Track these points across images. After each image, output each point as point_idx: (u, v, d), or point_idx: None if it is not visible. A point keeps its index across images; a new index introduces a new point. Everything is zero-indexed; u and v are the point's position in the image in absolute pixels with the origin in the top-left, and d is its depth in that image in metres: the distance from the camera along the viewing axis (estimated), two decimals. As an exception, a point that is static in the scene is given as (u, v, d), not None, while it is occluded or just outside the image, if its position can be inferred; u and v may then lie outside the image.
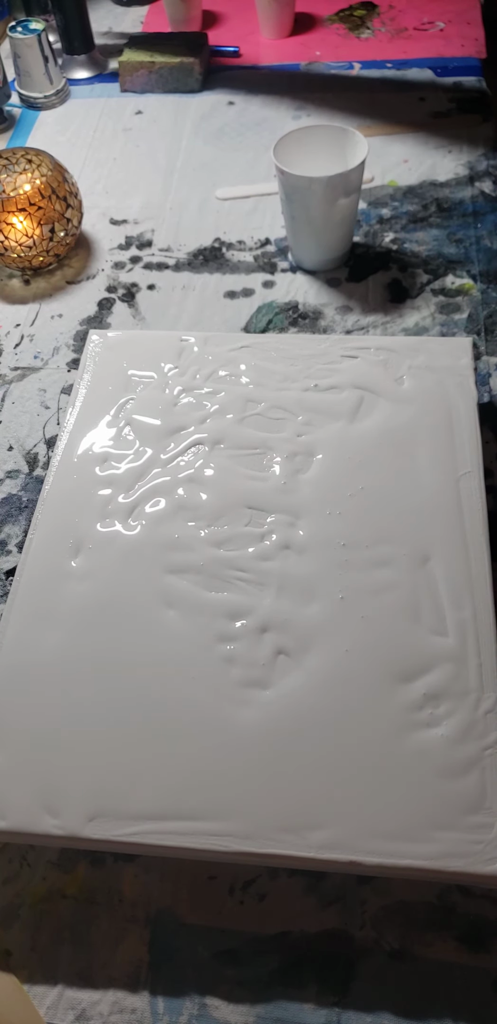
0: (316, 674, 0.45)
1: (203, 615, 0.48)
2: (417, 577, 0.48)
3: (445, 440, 0.54)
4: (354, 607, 0.47)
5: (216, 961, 0.42)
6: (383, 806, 0.41)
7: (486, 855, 0.39)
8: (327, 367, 0.59)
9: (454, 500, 0.51)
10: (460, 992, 0.40)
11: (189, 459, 0.55)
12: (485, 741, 0.42)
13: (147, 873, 0.45)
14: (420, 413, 0.56)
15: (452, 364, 0.58)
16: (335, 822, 0.41)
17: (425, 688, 0.44)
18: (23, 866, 0.45)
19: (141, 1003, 0.41)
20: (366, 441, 0.55)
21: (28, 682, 0.47)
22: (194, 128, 0.95)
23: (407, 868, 0.39)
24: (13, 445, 0.66)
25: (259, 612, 0.48)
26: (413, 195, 0.82)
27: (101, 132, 0.96)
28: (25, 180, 0.75)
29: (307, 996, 0.41)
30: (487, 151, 0.86)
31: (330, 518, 0.51)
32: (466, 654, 0.45)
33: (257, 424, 0.57)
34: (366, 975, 0.41)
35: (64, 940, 0.43)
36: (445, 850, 0.39)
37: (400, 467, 0.53)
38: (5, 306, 0.78)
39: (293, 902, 0.43)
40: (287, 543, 0.50)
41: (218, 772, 0.42)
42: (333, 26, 1.08)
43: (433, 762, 0.42)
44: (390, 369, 0.59)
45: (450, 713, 0.43)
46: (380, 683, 0.45)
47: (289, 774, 0.42)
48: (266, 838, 0.41)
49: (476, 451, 0.53)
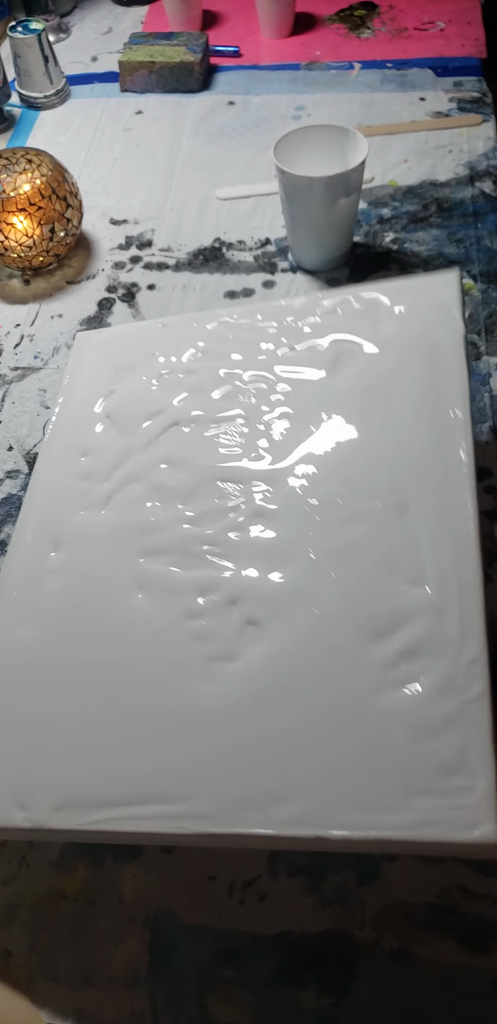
0: (284, 641, 0.43)
1: (174, 594, 0.47)
2: (394, 528, 0.45)
3: (429, 380, 0.49)
4: (325, 567, 0.45)
5: (216, 961, 0.42)
6: (352, 775, 0.38)
7: (465, 821, 0.35)
8: (304, 325, 0.56)
9: (435, 442, 0.47)
10: (460, 993, 0.40)
11: (165, 441, 0.54)
12: (466, 695, 0.38)
13: (147, 873, 0.45)
14: (402, 356, 0.52)
15: (438, 300, 0.53)
16: (301, 795, 0.38)
17: (400, 644, 0.40)
18: (23, 866, 0.45)
19: (141, 1003, 0.41)
20: (343, 394, 0.52)
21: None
22: (194, 128, 0.95)
23: (378, 840, 0.36)
24: (13, 445, 0.66)
25: (229, 584, 0.46)
26: (413, 195, 0.82)
27: (101, 132, 0.96)
28: (25, 180, 0.75)
29: (307, 996, 0.41)
30: (487, 151, 0.86)
31: (302, 479, 0.49)
32: (446, 603, 0.41)
33: (233, 395, 0.55)
34: (366, 976, 0.41)
35: (64, 940, 0.43)
36: (420, 818, 0.36)
37: (379, 415, 0.50)
38: (5, 306, 0.78)
39: (293, 902, 0.43)
40: (259, 511, 0.48)
41: (182, 752, 0.41)
42: (333, 26, 1.08)
43: (408, 723, 0.38)
44: (370, 316, 0.55)
45: (427, 668, 0.39)
46: (351, 643, 0.41)
47: (254, 748, 0.40)
48: (229, 817, 0.38)
49: (461, 387, 0.48)
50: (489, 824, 0.35)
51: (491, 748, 0.36)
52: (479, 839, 0.34)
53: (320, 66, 1.01)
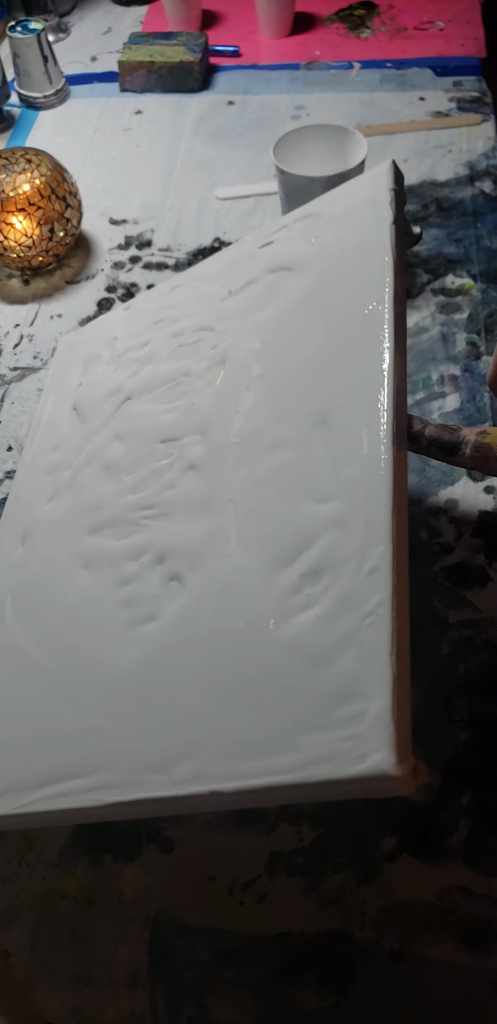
0: (198, 591, 0.40)
1: (110, 566, 0.46)
2: (310, 447, 0.41)
3: (357, 282, 0.46)
4: (242, 505, 0.42)
5: (216, 961, 0.42)
6: (248, 719, 0.34)
7: (354, 753, 0.30)
8: (245, 266, 0.55)
9: (358, 344, 0.43)
10: (459, 993, 0.40)
11: (117, 417, 0.54)
12: (365, 608, 0.33)
13: (146, 874, 0.45)
14: (333, 265, 0.49)
15: (370, 196, 0.50)
16: (200, 750, 0.34)
17: (304, 567, 0.37)
18: (22, 866, 0.45)
19: (141, 1003, 0.41)
20: (274, 322, 0.49)
21: None
22: (194, 128, 0.95)
23: (267, 788, 0.32)
24: (12, 445, 0.66)
25: (158, 544, 0.44)
26: (413, 195, 0.82)
27: (100, 132, 0.96)
28: (24, 180, 0.75)
29: (307, 997, 0.41)
30: (487, 151, 0.86)
31: (228, 419, 0.47)
32: (352, 514, 0.37)
33: (178, 355, 0.54)
34: (366, 976, 0.41)
35: (63, 940, 0.43)
36: (309, 757, 0.31)
37: (308, 334, 0.47)
38: (4, 306, 0.78)
39: (293, 902, 0.43)
40: (190, 463, 0.46)
41: (101, 722, 0.39)
42: (333, 26, 1.08)
43: (304, 651, 0.34)
44: (307, 234, 0.52)
45: (328, 587, 0.35)
46: (261, 579, 0.38)
47: (163, 707, 0.38)
48: (136, 783, 0.35)
49: (382, 280, 0.44)
50: (381, 752, 0.29)
51: (388, 664, 0.31)
52: (369, 771, 0.29)
53: (320, 66, 1.01)
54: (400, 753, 0.29)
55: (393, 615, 0.32)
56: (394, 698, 0.30)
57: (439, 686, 0.49)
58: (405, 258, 0.48)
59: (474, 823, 0.44)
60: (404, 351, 0.43)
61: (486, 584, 0.54)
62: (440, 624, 0.52)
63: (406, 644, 0.32)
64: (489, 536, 0.56)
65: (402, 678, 0.31)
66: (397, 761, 0.29)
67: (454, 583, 0.54)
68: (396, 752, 0.29)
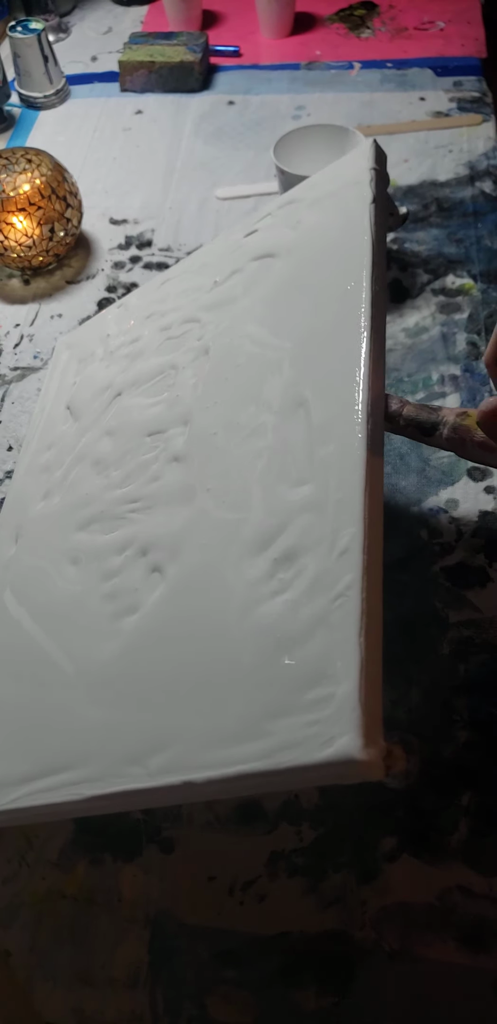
0: (174, 581, 0.40)
1: (97, 560, 0.46)
2: (287, 431, 0.41)
3: (337, 262, 0.45)
4: (218, 494, 0.42)
5: (216, 961, 0.42)
6: (219, 708, 0.33)
7: (321, 738, 0.29)
8: (231, 256, 0.55)
9: (337, 324, 0.42)
10: (460, 993, 0.40)
11: (108, 414, 0.54)
12: (335, 589, 0.33)
13: (147, 873, 0.45)
14: (315, 249, 0.48)
15: (351, 176, 0.49)
16: (174, 741, 0.34)
17: (277, 553, 0.36)
18: (22, 866, 0.45)
19: (141, 1003, 0.41)
20: (256, 310, 0.49)
21: None
22: (194, 128, 0.95)
23: (237, 777, 0.31)
24: (12, 445, 0.66)
25: (142, 537, 0.44)
26: (413, 195, 0.82)
27: (101, 132, 0.96)
28: (25, 180, 0.75)
29: (307, 997, 0.41)
30: (487, 151, 0.86)
31: (207, 410, 0.47)
32: (325, 496, 0.36)
33: (166, 349, 0.54)
34: (366, 976, 0.41)
35: (63, 940, 0.43)
36: (278, 743, 0.30)
37: (288, 319, 0.46)
38: (5, 306, 0.78)
39: (293, 903, 0.43)
40: (175, 455, 0.46)
41: (82, 716, 0.39)
42: (333, 26, 1.08)
43: (274, 636, 0.34)
44: (290, 219, 0.52)
45: (300, 571, 0.35)
46: (234, 568, 0.38)
47: (139, 699, 0.37)
48: (114, 776, 0.35)
49: (361, 260, 0.43)
50: (347, 735, 0.28)
51: (357, 645, 0.30)
52: (335, 756, 0.28)
53: (320, 66, 1.01)
54: (367, 736, 0.28)
55: (363, 596, 0.32)
56: (362, 680, 0.29)
57: (439, 686, 0.49)
58: (385, 237, 0.47)
59: (474, 823, 0.44)
60: (383, 330, 0.42)
61: (486, 584, 0.54)
62: (440, 624, 0.52)
63: (378, 625, 0.31)
64: (489, 536, 0.56)
65: (372, 659, 0.30)
66: (364, 745, 0.28)
67: (454, 583, 0.54)
68: (363, 735, 0.28)
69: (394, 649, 0.51)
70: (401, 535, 0.57)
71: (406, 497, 0.59)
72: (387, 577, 0.54)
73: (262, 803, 0.46)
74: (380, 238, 0.45)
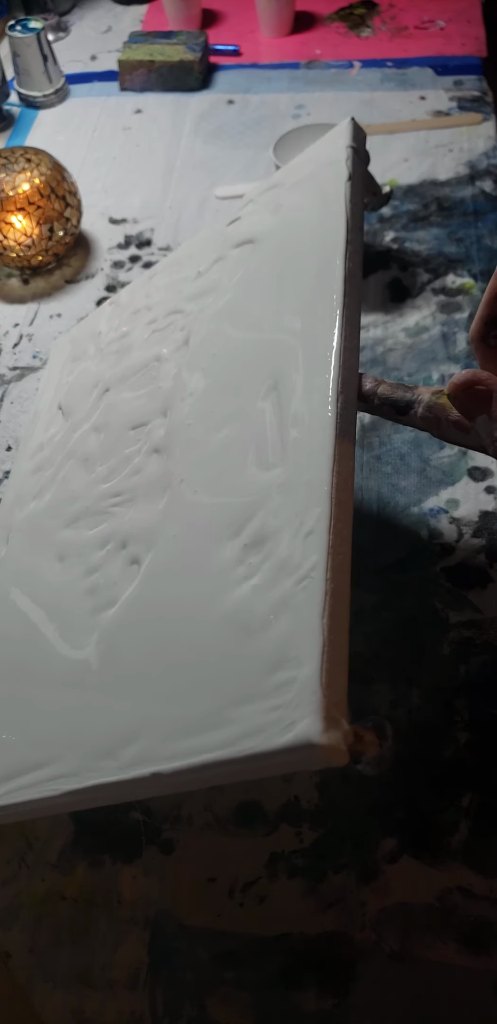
0: (148, 573, 0.40)
1: (82, 556, 0.46)
2: (260, 415, 0.40)
3: (312, 246, 0.45)
4: (191, 484, 0.41)
5: (216, 963, 0.42)
6: (186, 698, 0.33)
7: (283, 723, 0.28)
8: (214, 245, 0.55)
9: (310, 305, 0.42)
10: (460, 994, 0.40)
11: (96, 410, 0.54)
12: (300, 571, 0.32)
13: (146, 875, 0.44)
14: (292, 232, 0.48)
15: (329, 156, 0.48)
16: (144, 732, 0.33)
17: (247, 538, 0.36)
18: (22, 867, 0.45)
19: (140, 1005, 0.41)
20: (235, 296, 0.48)
21: None
22: (193, 127, 0.95)
23: (203, 767, 0.30)
24: (12, 445, 0.66)
25: (122, 530, 0.44)
26: (414, 194, 0.82)
27: (100, 131, 0.96)
28: (24, 179, 0.75)
29: (307, 998, 0.40)
30: (488, 150, 0.85)
31: (186, 399, 0.46)
32: (294, 477, 0.35)
33: (152, 341, 0.54)
34: (366, 977, 0.41)
35: (63, 942, 0.43)
36: (241, 731, 0.29)
37: (266, 303, 0.46)
38: (4, 306, 0.78)
39: (293, 904, 0.43)
40: (155, 446, 0.46)
41: (62, 711, 0.39)
42: (333, 24, 1.08)
43: (241, 622, 0.33)
44: (270, 203, 0.51)
45: (269, 555, 0.34)
46: (205, 556, 0.37)
47: (112, 692, 0.37)
48: (88, 770, 0.34)
49: (337, 239, 0.43)
50: (307, 719, 0.27)
51: (320, 627, 0.29)
52: (295, 741, 0.27)
53: (320, 65, 1.01)
54: (328, 720, 0.27)
55: (327, 576, 0.31)
56: (324, 662, 0.28)
57: (440, 687, 0.49)
58: (362, 215, 0.46)
59: (475, 824, 0.44)
60: (358, 308, 0.41)
61: (487, 585, 0.53)
62: (441, 625, 0.52)
63: (343, 607, 0.31)
64: (490, 536, 0.56)
65: (336, 641, 0.29)
66: (324, 728, 0.27)
67: (455, 584, 0.54)
68: (324, 719, 0.27)
69: (394, 650, 0.51)
70: (401, 535, 0.56)
71: (406, 497, 0.58)
72: (387, 578, 0.54)
73: (262, 804, 0.46)
74: (356, 216, 0.45)
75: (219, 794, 0.47)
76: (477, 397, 0.35)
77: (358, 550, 0.56)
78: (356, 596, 0.53)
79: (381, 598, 0.53)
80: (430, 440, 0.62)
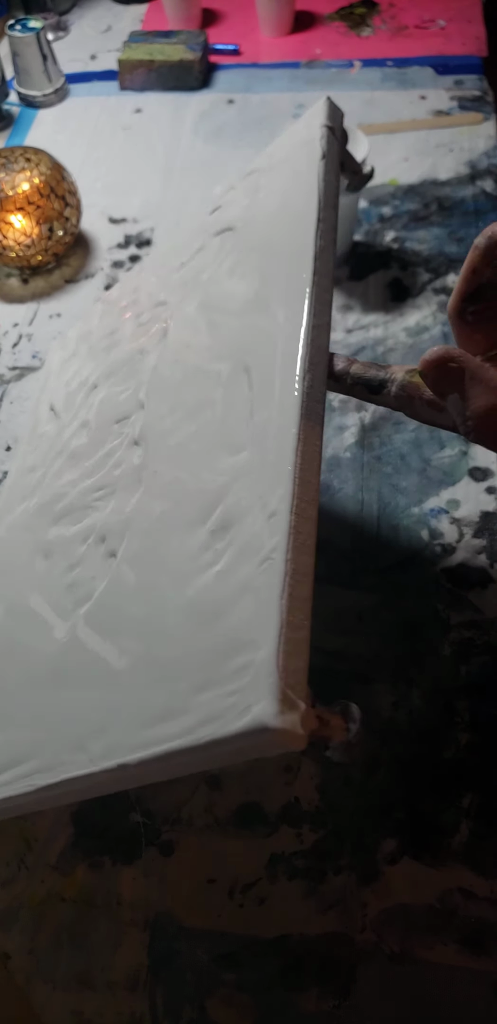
0: (121, 565, 0.40)
1: (65, 552, 0.46)
2: (231, 400, 0.40)
3: (285, 227, 0.44)
4: (163, 475, 0.41)
5: (215, 965, 0.42)
6: (151, 687, 0.32)
7: (239, 707, 0.27)
8: (197, 234, 0.54)
9: (279, 289, 0.41)
10: (461, 996, 0.40)
11: (84, 407, 0.54)
12: (262, 553, 0.31)
13: (146, 876, 0.44)
14: (268, 215, 0.47)
15: (306, 137, 0.48)
16: (112, 724, 0.33)
17: (215, 524, 0.35)
18: (21, 869, 0.45)
19: (140, 1006, 0.41)
20: (211, 284, 0.48)
21: None
22: (193, 126, 0.95)
23: (165, 756, 0.29)
24: (11, 445, 0.66)
25: (101, 523, 0.44)
26: (414, 193, 0.82)
27: (100, 130, 0.96)
28: (23, 179, 0.75)
29: (307, 1000, 0.40)
30: (488, 149, 0.85)
31: (160, 390, 0.46)
32: (260, 459, 0.35)
33: (137, 335, 0.54)
34: (367, 979, 0.41)
35: (63, 943, 0.43)
36: (201, 717, 0.29)
37: (238, 288, 0.45)
38: (3, 305, 0.78)
39: (293, 905, 0.43)
40: (134, 439, 0.46)
41: (33, 709, 0.39)
42: (333, 24, 1.08)
43: (205, 608, 0.33)
44: (250, 189, 0.51)
45: (234, 539, 0.33)
46: (174, 545, 0.37)
47: (84, 685, 0.37)
48: (61, 764, 0.34)
49: (310, 219, 0.42)
50: (262, 702, 0.26)
51: (278, 608, 0.29)
52: (250, 725, 0.26)
53: (320, 64, 1.01)
54: (284, 702, 0.26)
55: (288, 557, 0.30)
56: (281, 644, 0.28)
57: (440, 687, 0.49)
58: (337, 192, 0.45)
59: (475, 825, 0.44)
60: (329, 287, 0.41)
61: (487, 585, 0.53)
62: (441, 625, 0.52)
63: (305, 587, 0.30)
64: (491, 537, 0.56)
65: (295, 623, 0.29)
66: (278, 711, 0.26)
67: (455, 584, 0.54)
68: (279, 701, 0.26)
69: (395, 650, 0.51)
70: (402, 536, 0.56)
71: (407, 497, 0.58)
72: (388, 578, 0.54)
73: (262, 805, 0.46)
74: (330, 194, 0.44)
75: (219, 795, 0.47)
76: (449, 374, 0.33)
77: (358, 551, 0.56)
78: (356, 597, 0.53)
79: (381, 599, 0.53)
80: (431, 440, 0.61)
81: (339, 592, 0.53)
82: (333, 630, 0.52)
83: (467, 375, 0.33)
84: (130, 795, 0.47)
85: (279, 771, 0.47)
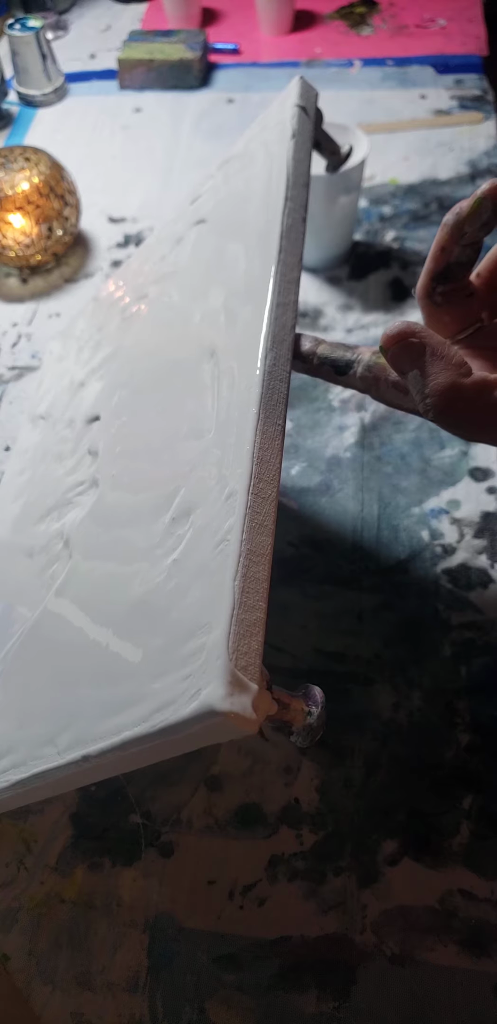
0: (85, 557, 0.40)
1: (46, 548, 0.46)
2: (196, 385, 0.39)
3: (256, 211, 0.44)
4: (129, 465, 0.41)
5: (215, 966, 0.42)
6: (113, 677, 0.32)
7: (190, 692, 0.26)
8: (178, 225, 0.54)
9: (247, 270, 0.41)
10: (461, 997, 0.40)
11: (71, 406, 0.54)
12: (219, 535, 0.31)
13: (146, 877, 0.44)
14: (241, 200, 0.47)
15: (278, 118, 0.47)
16: (76, 716, 0.33)
17: (176, 511, 0.35)
18: (21, 870, 0.45)
19: (140, 1008, 0.41)
20: (189, 274, 0.48)
21: None
22: (193, 126, 0.94)
23: (122, 745, 0.29)
24: (10, 446, 0.66)
25: (75, 518, 0.44)
26: (414, 193, 0.82)
27: (99, 130, 0.96)
28: (23, 178, 0.75)
29: (307, 1001, 0.40)
30: (488, 149, 0.85)
31: (129, 383, 0.46)
32: (222, 442, 0.34)
33: (121, 330, 0.54)
34: (367, 980, 0.41)
35: (62, 945, 0.43)
36: (156, 704, 0.28)
37: (214, 273, 0.45)
38: (2, 305, 0.78)
39: (293, 907, 0.43)
40: (105, 433, 0.46)
41: (14, 706, 0.39)
42: (333, 23, 1.07)
43: (165, 593, 0.32)
44: (226, 176, 0.51)
45: (193, 524, 0.33)
46: (138, 533, 0.37)
47: (52, 679, 0.37)
48: (32, 758, 0.34)
49: (278, 196, 0.42)
50: (211, 685, 0.25)
51: (231, 590, 0.28)
52: (200, 709, 0.25)
53: (320, 63, 1.01)
54: (234, 684, 0.25)
55: (243, 538, 0.29)
56: (232, 626, 0.27)
57: (441, 688, 0.49)
58: (308, 171, 0.45)
59: (476, 826, 0.44)
60: (296, 264, 0.39)
61: (488, 586, 0.53)
62: (442, 626, 0.52)
63: (261, 569, 0.29)
64: (491, 537, 0.56)
65: (249, 604, 0.28)
66: (227, 694, 0.25)
67: (456, 585, 0.53)
68: (228, 684, 0.25)
69: (395, 651, 0.51)
70: (402, 536, 0.56)
71: (407, 498, 0.58)
72: (388, 579, 0.54)
73: (262, 807, 0.46)
74: (300, 172, 0.43)
75: (219, 796, 0.46)
76: (409, 350, 0.32)
77: (359, 551, 0.56)
78: (357, 598, 0.53)
79: (382, 599, 0.53)
80: (431, 440, 0.61)
81: (339, 592, 0.53)
82: (333, 630, 0.52)
83: (428, 352, 0.32)
84: (130, 796, 0.47)
85: (279, 772, 0.47)
